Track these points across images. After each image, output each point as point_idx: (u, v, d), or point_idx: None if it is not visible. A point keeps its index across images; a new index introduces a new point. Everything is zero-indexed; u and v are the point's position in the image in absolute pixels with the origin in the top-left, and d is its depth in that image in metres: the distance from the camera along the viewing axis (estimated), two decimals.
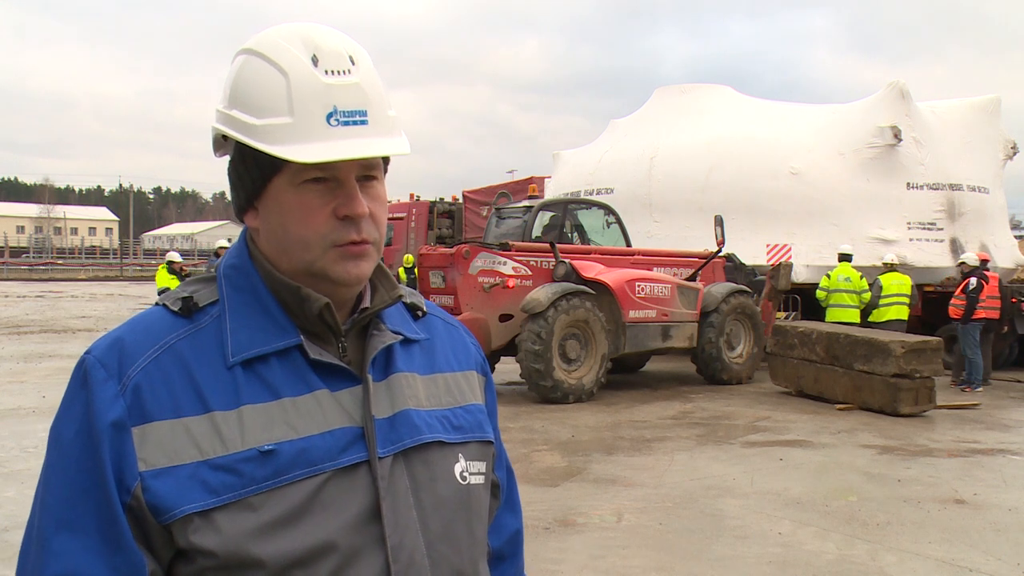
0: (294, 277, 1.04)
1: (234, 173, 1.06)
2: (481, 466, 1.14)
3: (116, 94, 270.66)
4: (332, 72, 0.99)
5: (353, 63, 1.01)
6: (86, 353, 1.01)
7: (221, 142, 1.06)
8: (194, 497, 0.94)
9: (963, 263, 12.34)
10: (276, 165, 0.99)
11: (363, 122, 0.99)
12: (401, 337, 1.12)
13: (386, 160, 1.08)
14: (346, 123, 0.98)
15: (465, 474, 1.10)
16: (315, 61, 0.99)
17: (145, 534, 0.95)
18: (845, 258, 12.41)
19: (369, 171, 1.04)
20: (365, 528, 0.99)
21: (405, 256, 18.42)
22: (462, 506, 1.09)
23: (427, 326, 1.19)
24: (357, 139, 0.99)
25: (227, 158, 1.07)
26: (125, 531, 0.94)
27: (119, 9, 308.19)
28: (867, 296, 12.12)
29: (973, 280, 11.69)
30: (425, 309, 1.20)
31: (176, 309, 1.03)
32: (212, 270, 1.11)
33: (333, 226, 1.01)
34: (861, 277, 12.25)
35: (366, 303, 1.10)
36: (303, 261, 1.03)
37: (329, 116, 0.98)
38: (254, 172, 1.02)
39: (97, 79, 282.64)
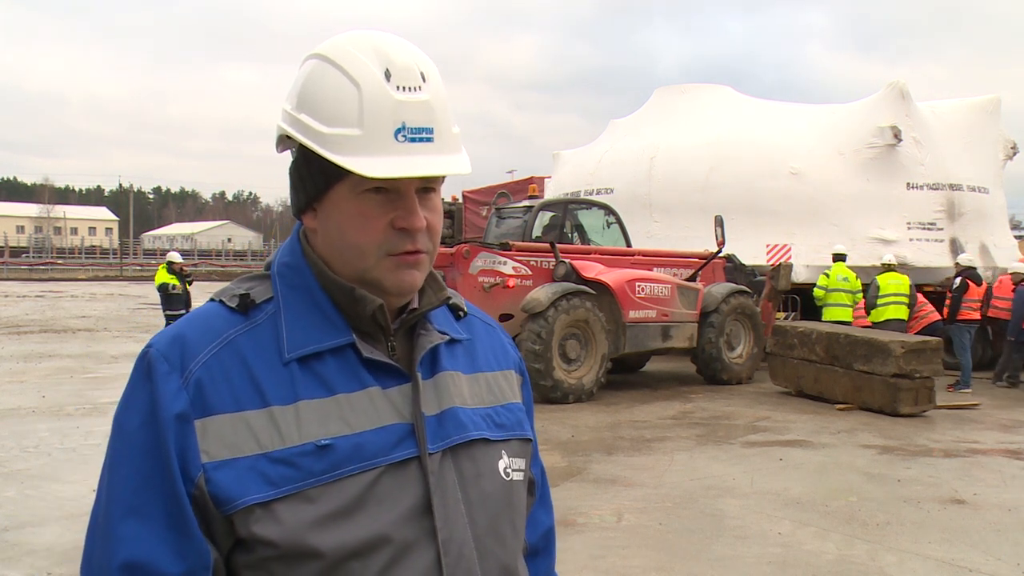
0: (347, 279, 1.07)
1: (296, 174, 1.08)
2: (521, 463, 1.17)
3: (107, 93, 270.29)
4: (404, 88, 1.01)
5: (424, 80, 1.03)
6: (148, 346, 1.04)
7: (284, 140, 1.09)
8: (255, 488, 0.97)
9: (958, 263, 12.39)
10: (340, 173, 1.02)
11: (429, 139, 1.02)
12: (447, 337, 1.15)
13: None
14: (413, 140, 1.01)
15: (508, 470, 1.14)
16: (388, 75, 1.01)
17: (207, 524, 0.99)
18: (839, 258, 12.46)
19: (428, 183, 1.06)
20: (417, 522, 1.02)
21: None
22: (506, 502, 1.12)
23: (468, 326, 1.22)
24: (422, 156, 1.01)
25: (282, 155, 1.11)
26: (191, 519, 0.97)
27: (107, 6, 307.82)
28: (860, 296, 12.19)
29: (957, 280, 11.72)
30: (466, 310, 1.24)
31: (233, 305, 1.07)
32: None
33: (389, 235, 1.04)
34: (856, 277, 12.30)
35: (414, 304, 1.12)
36: (357, 268, 1.06)
37: (397, 132, 1.00)
38: (317, 176, 1.05)
39: (88, 78, 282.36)
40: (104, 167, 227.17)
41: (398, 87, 1.01)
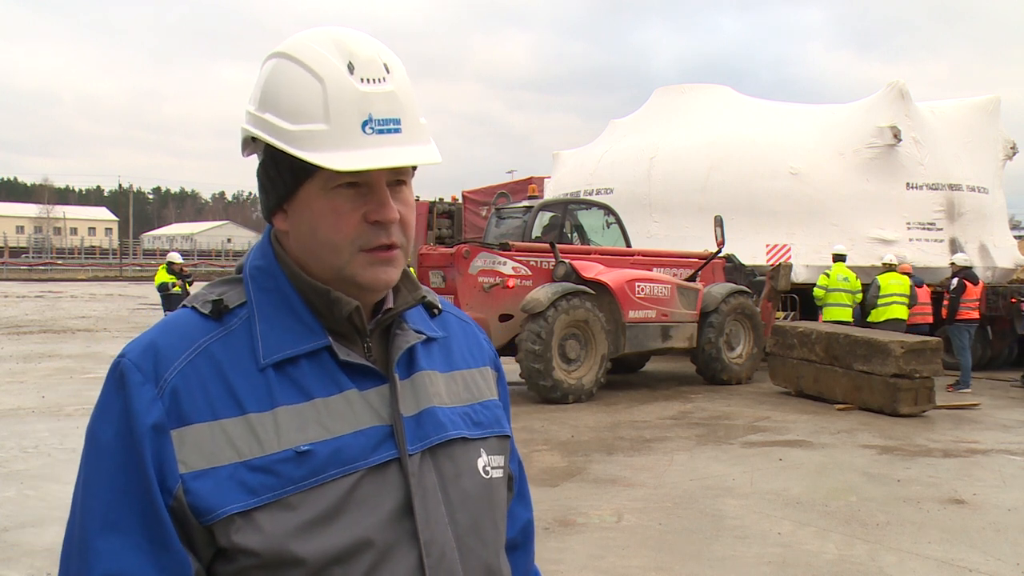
0: (322, 280, 1.06)
1: (264, 175, 1.06)
2: (500, 460, 1.17)
3: (102, 92, 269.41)
4: (368, 80, 1.00)
5: (388, 71, 1.02)
6: (120, 356, 1.02)
7: (250, 143, 1.07)
8: (235, 498, 0.96)
9: (952, 263, 12.40)
10: (309, 170, 1.00)
11: (397, 130, 1.01)
12: (424, 336, 1.14)
13: (414, 166, 1.09)
14: (381, 131, 1.00)
15: (487, 468, 1.13)
16: (351, 68, 1.00)
17: (187, 535, 0.97)
18: (839, 258, 12.46)
19: (399, 176, 1.05)
20: (398, 524, 1.02)
21: None
22: (486, 500, 1.12)
23: (443, 324, 1.21)
24: (391, 147, 1.00)
25: (254, 158, 1.09)
26: (170, 531, 0.96)
27: (100, 2, 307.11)
28: (859, 297, 12.19)
29: (954, 281, 11.73)
30: (440, 307, 1.23)
31: (206, 312, 1.04)
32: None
33: (363, 230, 1.03)
34: (856, 277, 12.31)
35: (389, 304, 1.11)
36: (332, 265, 1.04)
37: (364, 124, 0.99)
38: (286, 176, 1.03)
39: (82, 76, 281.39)
40: (103, 167, 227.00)
41: (362, 79, 0.99)
